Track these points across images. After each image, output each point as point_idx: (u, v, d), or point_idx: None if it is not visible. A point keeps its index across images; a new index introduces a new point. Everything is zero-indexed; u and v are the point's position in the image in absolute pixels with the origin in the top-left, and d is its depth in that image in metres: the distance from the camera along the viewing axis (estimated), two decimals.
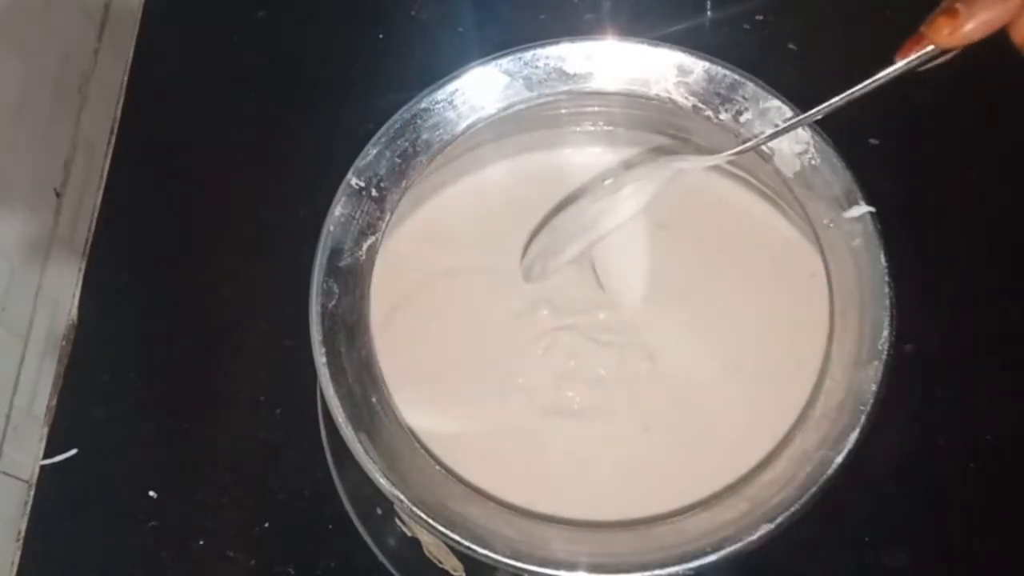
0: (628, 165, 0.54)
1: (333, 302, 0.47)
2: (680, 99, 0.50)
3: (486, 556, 0.43)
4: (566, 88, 0.50)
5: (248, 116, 0.69)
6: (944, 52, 0.41)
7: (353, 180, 0.49)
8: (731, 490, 0.45)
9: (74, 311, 0.65)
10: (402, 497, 0.43)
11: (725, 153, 0.47)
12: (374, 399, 0.45)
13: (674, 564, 0.42)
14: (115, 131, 0.70)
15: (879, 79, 0.42)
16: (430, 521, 0.43)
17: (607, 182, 0.50)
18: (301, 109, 0.69)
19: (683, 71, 0.50)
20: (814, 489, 0.43)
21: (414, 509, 0.43)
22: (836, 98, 0.43)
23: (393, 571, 0.56)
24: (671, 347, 0.51)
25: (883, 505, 0.58)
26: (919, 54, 0.41)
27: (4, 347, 0.58)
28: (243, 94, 0.70)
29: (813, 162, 0.49)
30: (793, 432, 0.45)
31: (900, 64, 0.42)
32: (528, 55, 0.50)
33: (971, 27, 0.40)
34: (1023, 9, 0.39)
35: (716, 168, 0.54)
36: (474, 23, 0.70)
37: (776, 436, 0.46)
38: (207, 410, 0.62)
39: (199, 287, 0.65)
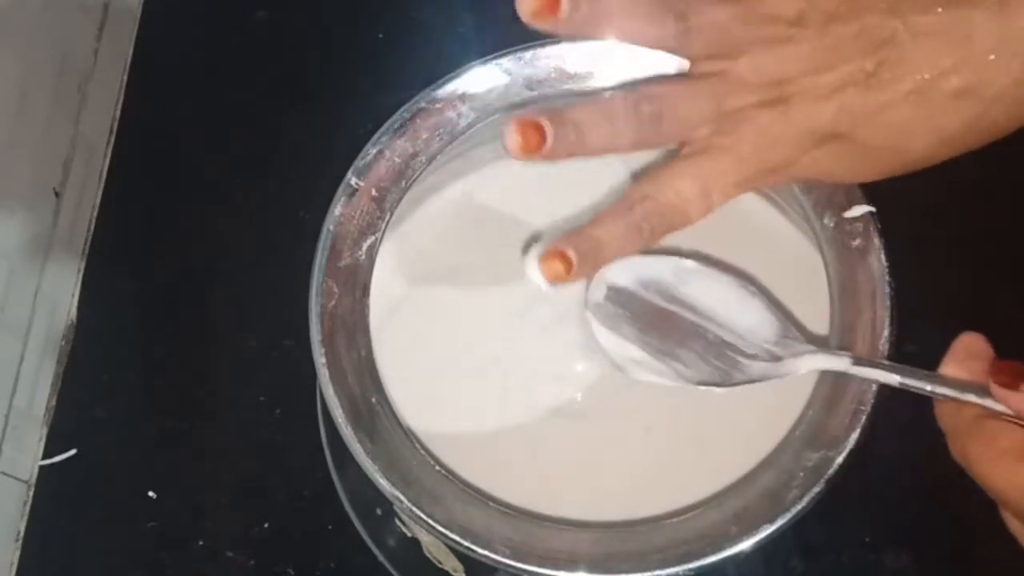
0: None
1: (333, 302, 0.46)
2: None
3: (486, 556, 0.43)
4: (566, 88, 0.50)
5: (248, 116, 0.69)
6: None
7: (353, 180, 0.48)
8: (731, 490, 0.45)
9: (73, 311, 0.65)
10: (402, 497, 0.43)
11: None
12: (374, 399, 0.45)
13: (674, 564, 0.42)
14: (114, 131, 0.70)
15: None
16: (430, 521, 0.43)
17: None
18: (301, 109, 0.69)
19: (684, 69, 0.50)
20: (814, 489, 0.43)
21: (414, 509, 0.43)
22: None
23: (393, 571, 0.56)
24: None
25: (883, 505, 0.58)
26: None
27: (3, 347, 0.58)
28: (243, 94, 0.70)
29: None
30: (793, 432, 0.45)
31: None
32: (528, 55, 0.50)
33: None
34: None
35: None
36: (474, 23, 0.70)
37: (776, 436, 0.46)
38: (207, 410, 0.62)
39: (199, 287, 0.65)
